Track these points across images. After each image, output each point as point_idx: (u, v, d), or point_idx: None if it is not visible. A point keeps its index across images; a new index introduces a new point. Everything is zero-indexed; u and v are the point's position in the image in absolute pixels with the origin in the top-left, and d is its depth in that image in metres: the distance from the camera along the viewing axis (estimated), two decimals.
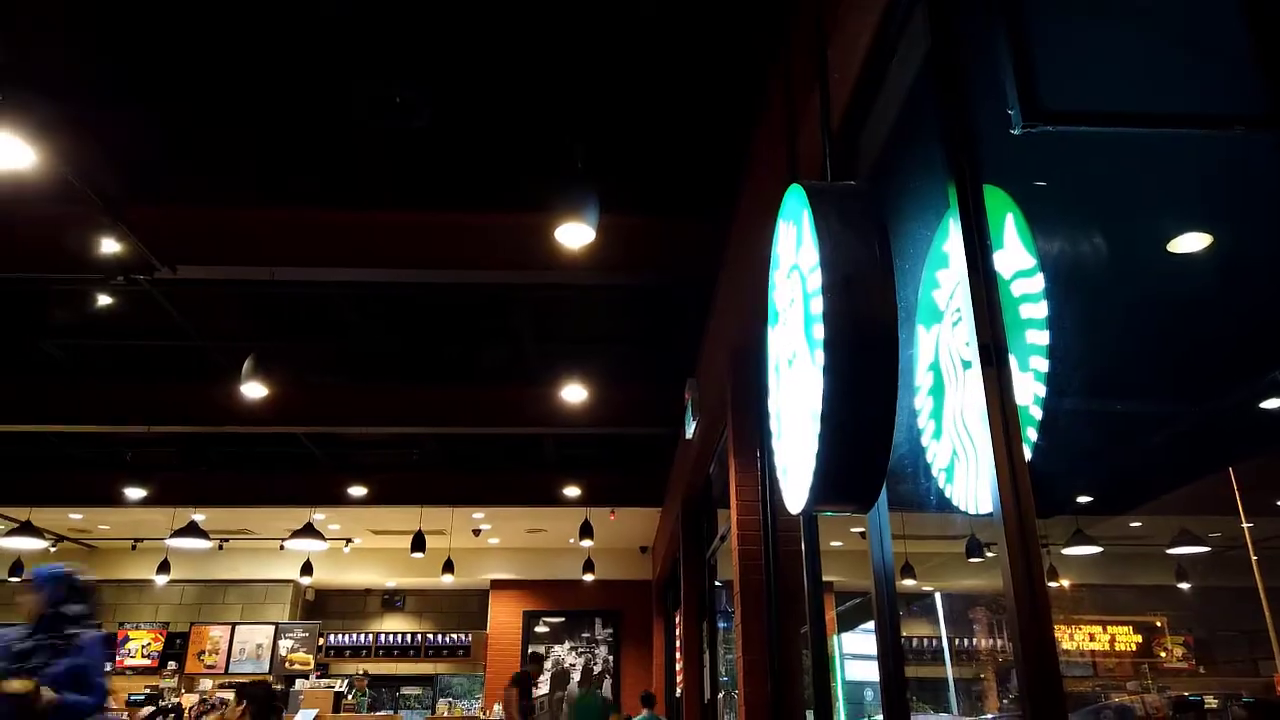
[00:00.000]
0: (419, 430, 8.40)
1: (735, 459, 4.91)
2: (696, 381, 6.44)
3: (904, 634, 2.85)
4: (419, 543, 10.40)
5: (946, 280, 2.33)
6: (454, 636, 14.05)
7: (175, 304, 6.31)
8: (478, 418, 7.98)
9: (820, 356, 1.92)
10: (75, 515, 11.25)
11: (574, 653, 13.45)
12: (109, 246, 4.93)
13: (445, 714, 12.08)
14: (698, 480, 7.42)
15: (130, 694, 11.80)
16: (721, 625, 7.28)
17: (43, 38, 4.04)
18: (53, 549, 12.16)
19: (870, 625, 2.91)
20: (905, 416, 2.52)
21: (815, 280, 2.00)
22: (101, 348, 7.25)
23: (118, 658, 12.60)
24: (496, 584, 13.73)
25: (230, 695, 9.44)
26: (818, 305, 1.96)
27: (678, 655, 9.63)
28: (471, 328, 6.97)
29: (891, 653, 2.79)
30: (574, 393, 7.11)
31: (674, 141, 4.69)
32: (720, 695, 6.97)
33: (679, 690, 9.27)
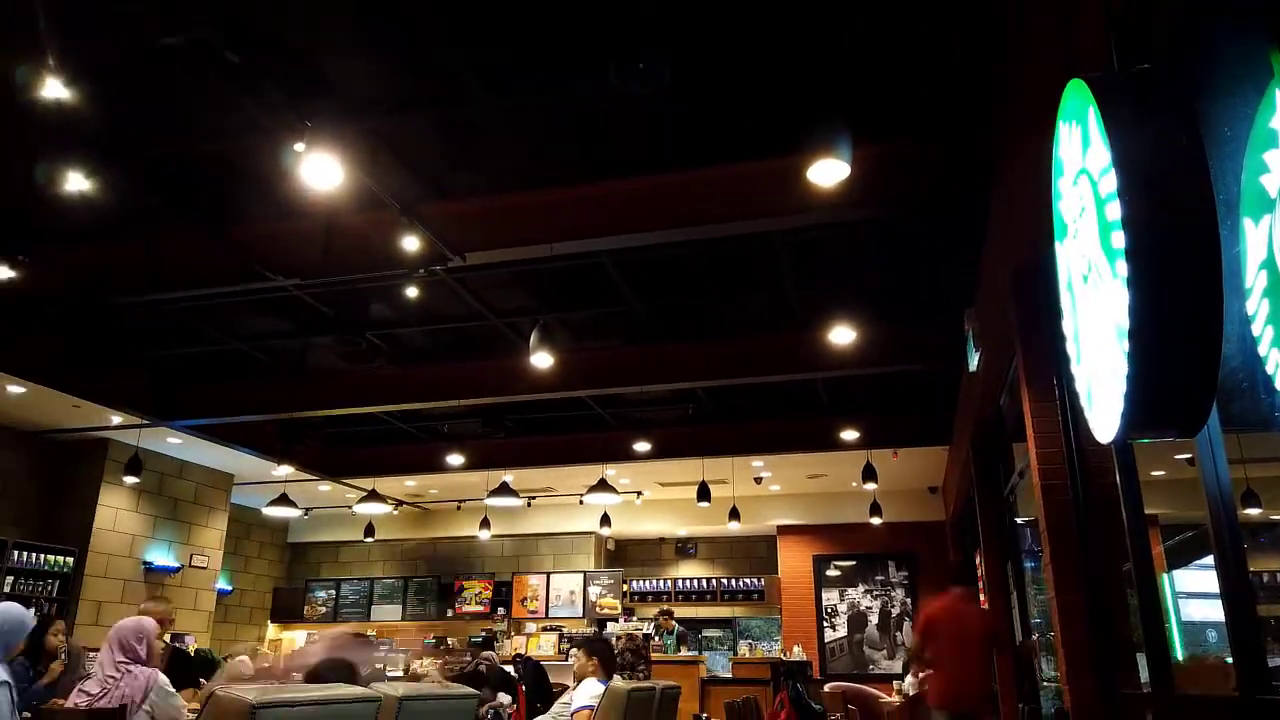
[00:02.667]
0: (691, 385, 8.64)
1: (1028, 388, 4.56)
2: (975, 310, 6.04)
3: (1252, 569, 2.52)
4: (704, 492, 10.76)
5: (1278, 162, 1.99)
6: (747, 581, 14.44)
7: (468, 288, 6.95)
8: (745, 368, 8.05)
9: (1122, 267, 1.72)
10: (409, 482, 12.87)
11: (869, 596, 13.32)
12: (409, 244, 5.52)
13: (746, 655, 12.48)
14: (986, 414, 6.99)
15: (470, 636, 13.42)
16: (1028, 565, 6.85)
17: (337, 59, 4.57)
18: (395, 512, 14.02)
19: (1208, 560, 2.60)
20: (1235, 325, 2.19)
21: (1109, 183, 1.79)
22: (413, 334, 8.18)
23: (457, 605, 14.31)
24: (783, 529, 13.89)
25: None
26: (1114, 210, 1.76)
27: (981, 598, 9.22)
28: (732, 279, 7.02)
29: (1237, 590, 2.48)
30: (841, 334, 6.95)
31: (924, 54, 4.38)
32: (1034, 638, 6.59)
33: None
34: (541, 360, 6.57)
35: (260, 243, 6.01)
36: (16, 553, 9.75)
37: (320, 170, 4.50)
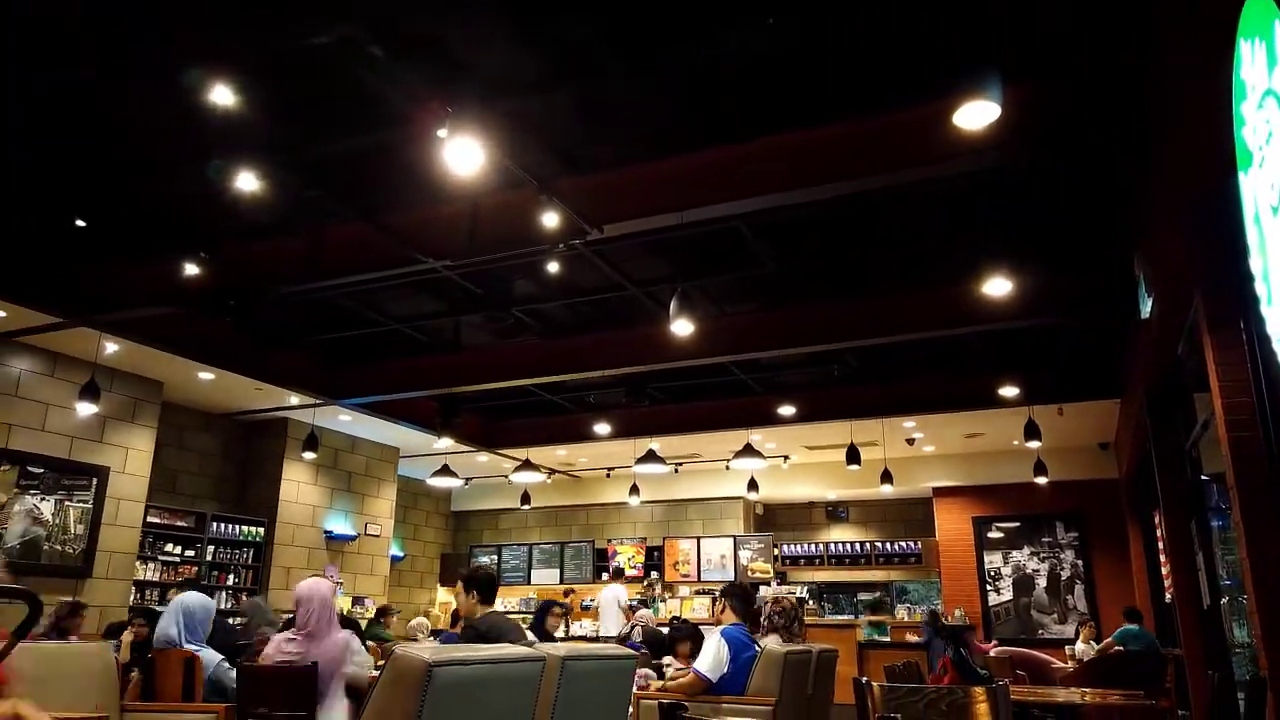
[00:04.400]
0: (836, 346, 8.44)
1: (1211, 335, 4.20)
2: (1145, 252, 5.60)
3: None
4: (853, 455, 10.55)
5: None
6: (903, 544, 14.10)
7: (606, 260, 7.04)
8: (893, 326, 7.78)
9: None
10: (561, 451, 13.27)
11: (1035, 558, 12.73)
12: (548, 220, 5.64)
13: (905, 619, 12.22)
14: (1162, 363, 6.49)
15: (622, 598, 13.75)
16: (1216, 523, 6.35)
17: (472, 44, 4.69)
18: (548, 480, 14.50)
19: None
20: None
21: None
22: (556, 308, 8.38)
23: (611, 568, 14.68)
24: (939, 491, 13.46)
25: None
26: None
27: (1161, 559, 8.65)
28: (875, 235, 6.79)
29: None
30: (997, 285, 6.59)
31: None
32: (1224, 601, 6.13)
33: (1168, 596, 8.33)
34: (681, 328, 6.58)
35: (413, 229, 6.30)
36: (215, 524, 10.77)
37: (463, 154, 4.64)
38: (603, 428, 11.37)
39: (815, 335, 8.11)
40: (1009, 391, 9.36)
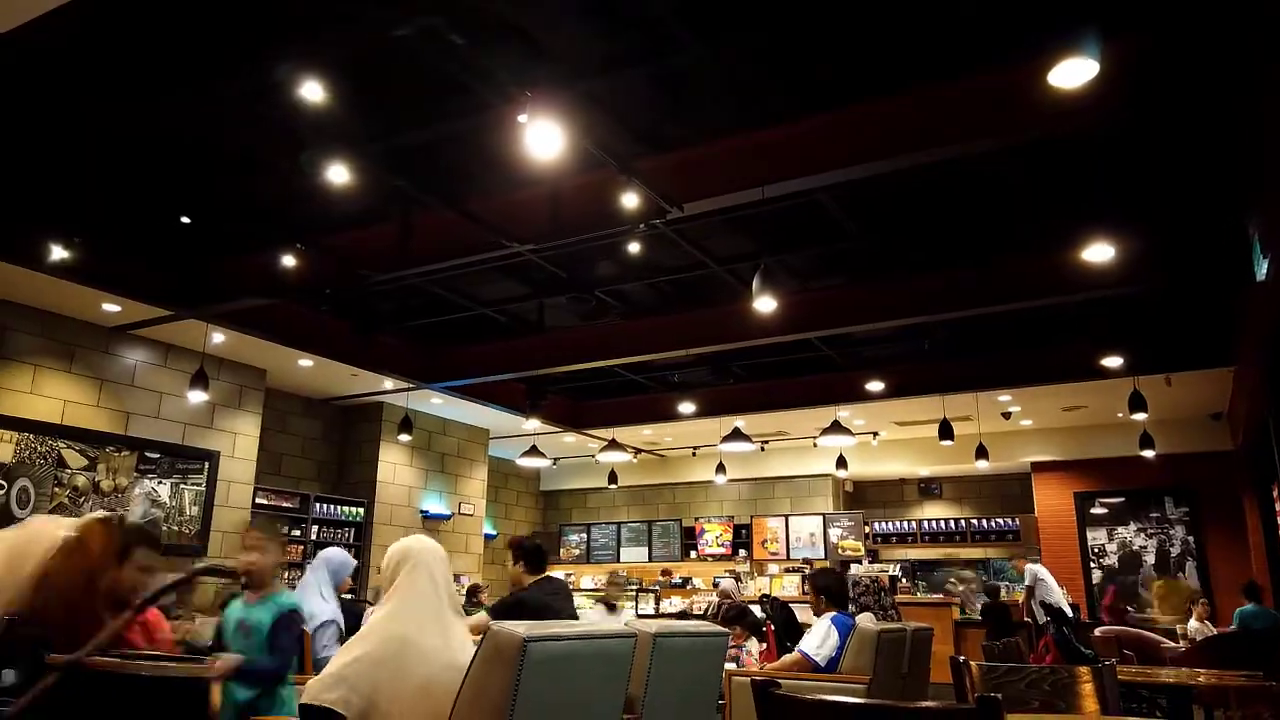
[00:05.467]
0: (925, 319, 8.20)
1: None
2: (1260, 212, 5.26)
3: None
4: (946, 431, 10.29)
5: None
6: (999, 521, 13.71)
7: (687, 238, 7.01)
8: (986, 296, 7.51)
9: None
10: (646, 431, 13.34)
11: (1143, 534, 12.21)
12: (628, 200, 5.64)
13: (1004, 598, 11.89)
14: None
15: (715, 576, 13.81)
16: None
17: (550, 28, 4.71)
18: (634, 459, 14.61)
19: None
20: None
21: None
22: (638, 288, 8.40)
23: (699, 546, 14.73)
24: (1037, 466, 13.02)
25: None
26: None
27: None
28: (964, 203, 6.56)
29: None
30: (1097, 252, 6.30)
31: None
32: None
33: None
34: (764, 304, 6.51)
35: (497, 214, 6.39)
36: (318, 505, 11.22)
37: (543, 138, 4.67)
38: (687, 407, 11.38)
39: (903, 308, 7.91)
40: (1112, 362, 8.96)
